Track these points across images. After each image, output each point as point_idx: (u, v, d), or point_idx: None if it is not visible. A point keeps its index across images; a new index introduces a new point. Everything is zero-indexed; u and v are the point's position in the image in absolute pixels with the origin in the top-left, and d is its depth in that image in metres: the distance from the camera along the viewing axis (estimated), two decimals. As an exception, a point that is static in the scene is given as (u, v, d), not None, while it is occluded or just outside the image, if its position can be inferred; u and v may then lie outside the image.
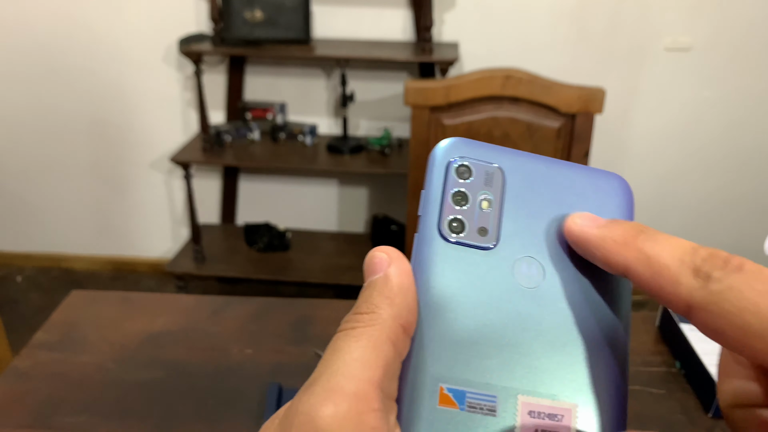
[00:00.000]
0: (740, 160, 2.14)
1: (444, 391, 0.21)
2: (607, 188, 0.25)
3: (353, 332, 0.21)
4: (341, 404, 0.19)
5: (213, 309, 0.85)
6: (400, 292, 0.22)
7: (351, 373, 0.19)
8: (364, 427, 0.19)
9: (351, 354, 0.20)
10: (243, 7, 1.92)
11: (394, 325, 0.21)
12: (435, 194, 0.24)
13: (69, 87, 2.19)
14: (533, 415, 0.22)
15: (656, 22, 1.97)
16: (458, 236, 0.23)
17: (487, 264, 0.23)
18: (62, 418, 0.68)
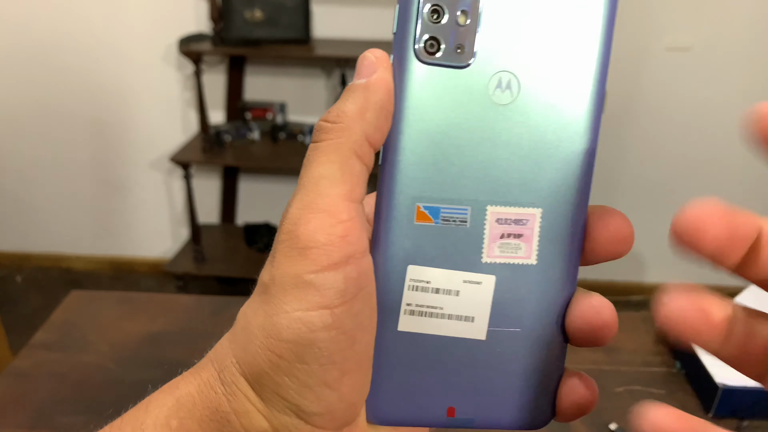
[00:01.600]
0: (740, 160, 2.14)
1: (420, 209, 0.23)
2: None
3: (321, 146, 0.22)
4: (313, 220, 0.22)
5: (213, 309, 0.85)
6: (374, 105, 0.22)
7: (320, 191, 0.22)
8: (333, 237, 0.21)
9: (319, 171, 0.22)
10: (243, 7, 1.92)
11: (360, 139, 0.22)
12: (409, 10, 0.23)
13: (69, 87, 2.18)
14: (501, 222, 0.24)
15: (656, 22, 1.97)
16: (433, 57, 0.23)
17: (462, 82, 0.23)
18: (62, 418, 0.68)
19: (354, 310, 0.22)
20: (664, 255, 2.30)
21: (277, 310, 0.22)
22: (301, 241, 0.22)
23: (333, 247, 0.21)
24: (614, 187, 2.20)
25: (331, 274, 0.21)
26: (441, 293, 0.24)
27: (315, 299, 0.21)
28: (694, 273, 2.30)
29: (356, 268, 0.22)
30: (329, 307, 0.21)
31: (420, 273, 0.24)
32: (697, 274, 2.36)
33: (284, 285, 0.22)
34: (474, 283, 0.24)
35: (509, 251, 0.24)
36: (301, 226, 0.22)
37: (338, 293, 0.21)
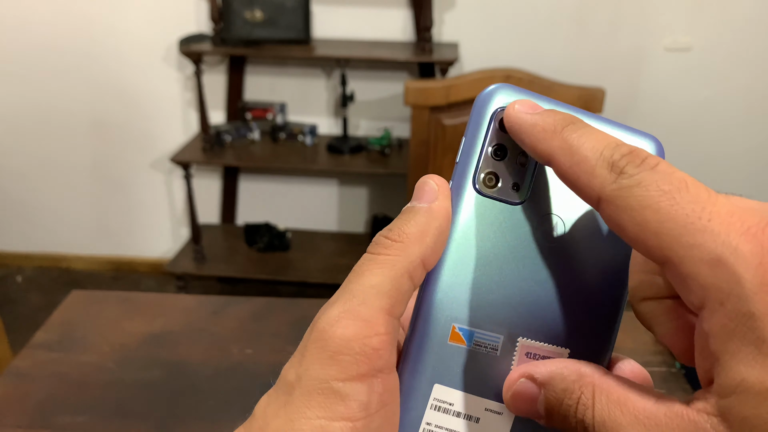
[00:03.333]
0: (740, 160, 2.14)
1: (455, 329, 0.24)
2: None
3: (378, 258, 0.23)
4: (351, 327, 0.22)
5: (213, 309, 0.85)
6: (434, 233, 0.23)
7: (366, 300, 0.22)
8: (367, 349, 0.21)
9: (370, 280, 0.22)
10: (243, 7, 1.92)
11: (416, 261, 0.23)
12: (475, 144, 0.25)
13: (69, 87, 2.19)
14: (530, 356, 0.24)
15: (656, 22, 1.98)
16: (491, 190, 0.25)
17: (513, 218, 0.25)
18: (62, 418, 0.68)
19: (374, 425, 0.22)
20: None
21: (300, 415, 0.21)
22: (335, 345, 0.22)
23: (365, 358, 0.21)
24: (614, 187, 2.20)
25: (358, 384, 0.21)
26: (462, 417, 0.24)
27: (339, 409, 0.21)
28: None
29: (382, 382, 0.22)
30: (351, 420, 0.21)
31: (445, 393, 0.24)
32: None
33: (310, 389, 0.22)
34: (495, 413, 0.24)
35: None
36: (338, 330, 0.22)
37: (362, 406, 0.21)
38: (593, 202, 0.21)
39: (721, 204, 0.19)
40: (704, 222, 0.18)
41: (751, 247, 0.17)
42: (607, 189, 0.20)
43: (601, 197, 0.20)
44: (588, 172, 0.20)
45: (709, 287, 0.18)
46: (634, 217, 0.19)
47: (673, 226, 0.18)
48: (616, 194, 0.20)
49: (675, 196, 0.19)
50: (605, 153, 0.20)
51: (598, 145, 0.21)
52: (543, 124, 0.22)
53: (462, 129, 1.34)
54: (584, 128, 0.22)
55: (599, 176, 0.20)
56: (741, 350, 0.17)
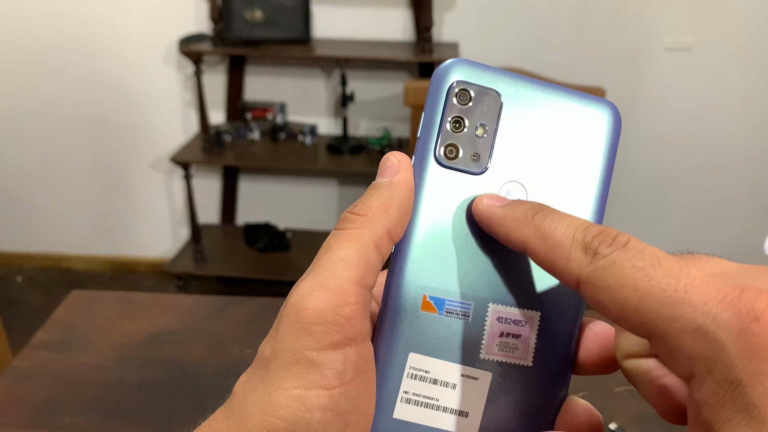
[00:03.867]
0: (740, 160, 2.14)
1: (426, 298, 0.25)
2: (597, 115, 0.26)
3: (344, 233, 0.24)
4: (322, 298, 0.22)
5: (213, 309, 0.85)
6: (397, 203, 0.24)
7: (335, 272, 0.23)
8: (339, 318, 0.22)
9: (338, 253, 0.23)
10: (243, 7, 1.92)
11: (381, 231, 0.24)
12: (434, 118, 0.25)
13: (69, 87, 2.19)
14: (501, 321, 0.25)
15: (656, 22, 1.98)
16: (452, 161, 0.25)
17: (476, 188, 0.25)
18: (62, 418, 0.68)
19: (350, 393, 0.22)
20: (664, 255, 2.30)
21: (276, 386, 0.22)
22: (307, 317, 0.22)
23: (337, 327, 0.22)
24: (614, 187, 2.20)
25: (332, 353, 0.22)
26: (439, 384, 0.25)
27: (314, 378, 0.22)
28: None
29: (356, 350, 0.23)
30: (327, 388, 0.22)
31: (420, 361, 0.25)
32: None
33: (285, 360, 0.22)
34: (471, 378, 0.25)
35: (507, 350, 0.25)
36: (309, 302, 0.22)
37: (337, 374, 0.22)
38: (572, 285, 0.21)
39: (694, 275, 0.19)
40: (681, 294, 0.19)
41: (730, 315, 0.18)
42: (584, 272, 0.20)
43: (580, 280, 0.21)
44: (563, 257, 0.21)
45: (695, 357, 0.18)
46: (614, 296, 0.20)
47: (652, 302, 0.19)
48: (593, 276, 0.20)
49: (650, 271, 0.19)
50: (577, 236, 0.21)
51: (569, 230, 0.21)
52: (513, 215, 0.23)
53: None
54: (553, 213, 0.22)
55: (575, 260, 0.21)
56: (733, 417, 0.17)
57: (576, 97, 0.26)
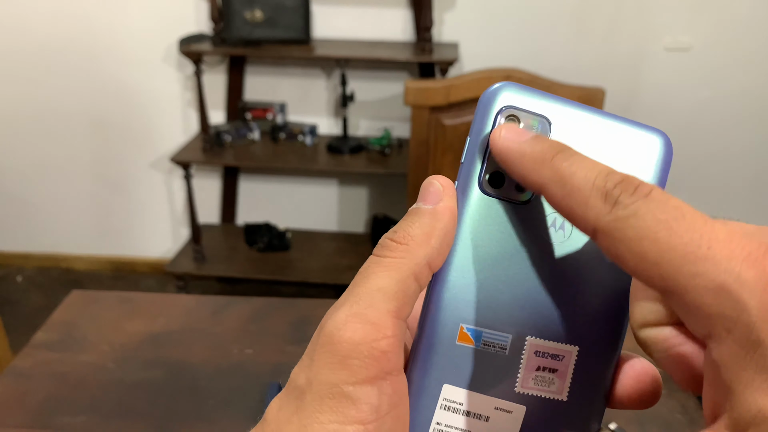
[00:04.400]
0: (740, 159, 2.14)
1: (464, 329, 0.24)
2: (648, 144, 0.26)
3: (383, 261, 0.23)
4: (359, 330, 0.22)
5: (213, 309, 0.85)
6: (439, 233, 0.23)
7: (373, 303, 0.22)
8: (375, 352, 0.22)
9: (376, 283, 0.22)
10: (243, 7, 1.92)
11: (422, 262, 0.23)
12: (480, 144, 0.25)
13: (69, 87, 2.19)
14: (538, 354, 0.24)
15: (656, 22, 1.98)
16: (496, 190, 0.24)
17: (518, 217, 0.25)
18: (62, 418, 0.68)
19: (385, 427, 0.22)
20: (664, 255, 2.30)
21: (312, 419, 0.22)
22: (344, 349, 0.22)
23: (373, 361, 0.22)
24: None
25: (368, 387, 0.22)
26: (471, 416, 0.25)
27: (350, 413, 0.21)
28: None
29: (391, 384, 0.22)
30: (363, 423, 0.21)
31: (454, 393, 0.24)
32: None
33: (321, 393, 0.22)
34: (505, 411, 0.25)
35: (543, 384, 0.25)
36: (346, 333, 0.22)
37: (372, 409, 0.22)
38: (589, 233, 0.21)
39: (718, 230, 0.18)
40: (704, 250, 0.18)
41: (755, 273, 0.17)
42: (602, 221, 0.20)
43: (597, 229, 0.20)
44: (582, 203, 0.20)
45: (714, 316, 0.18)
46: (632, 248, 0.19)
47: (673, 255, 0.18)
48: (612, 226, 0.19)
49: (672, 225, 0.19)
50: (597, 182, 0.20)
51: (589, 174, 0.20)
52: (531, 153, 0.22)
53: (462, 129, 1.34)
54: (574, 156, 0.21)
55: (593, 207, 0.20)
56: (755, 379, 0.17)
57: (628, 125, 0.25)
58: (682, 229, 0.18)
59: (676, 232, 0.18)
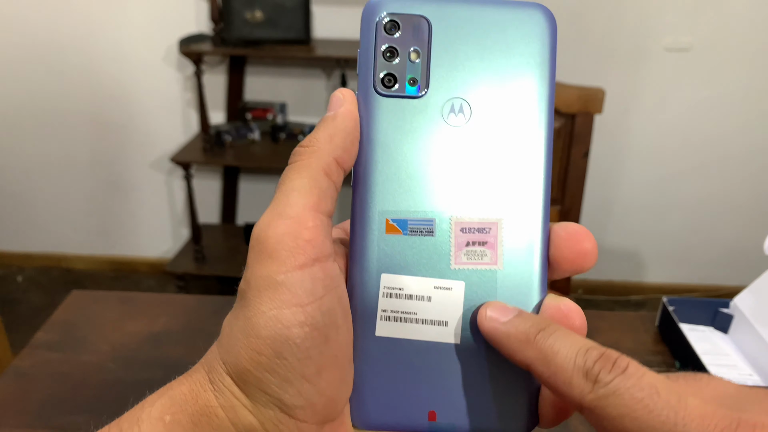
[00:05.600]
0: (740, 160, 2.14)
1: (389, 221, 0.26)
2: (530, 21, 0.26)
3: (295, 165, 0.26)
4: (281, 226, 0.24)
5: (213, 309, 0.86)
6: (341, 132, 0.26)
7: (290, 201, 0.24)
8: (300, 241, 0.24)
9: (291, 184, 0.25)
10: (243, 8, 1.92)
11: (329, 159, 0.26)
12: (367, 53, 0.26)
13: (69, 87, 2.19)
14: (465, 231, 0.26)
15: (656, 22, 1.98)
16: (391, 90, 0.26)
17: (419, 110, 0.26)
18: (62, 418, 0.68)
19: (324, 308, 0.24)
20: (664, 255, 2.30)
21: (255, 311, 0.24)
22: (270, 245, 0.24)
23: (300, 250, 0.24)
24: (614, 186, 2.20)
25: (299, 273, 0.24)
26: (414, 299, 0.26)
27: (286, 298, 0.23)
28: (692, 273, 2.30)
29: (322, 269, 0.24)
30: (300, 305, 0.23)
31: (393, 281, 0.26)
32: (696, 274, 2.37)
33: (258, 287, 0.24)
34: (445, 289, 0.26)
35: (475, 258, 0.26)
36: (270, 231, 0.24)
37: (307, 292, 0.23)
38: (576, 408, 0.22)
39: (692, 406, 0.20)
40: (680, 428, 0.20)
41: None
42: (586, 399, 0.21)
43: (583, 406, 0.22)
44: (566, 382, 0.22)
45: None
46: (615, 425, 0.21)
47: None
48: (595, 404, 0.21)
49: (648, 403, 0.20)
50: (578, 361, 0.22)
51: (570, 353, 0.22)
52: (516, 335, 0.24)
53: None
54: (556, 333, 0.23)
55: (577, 386, 0.22)
56: None
57: (505, 7, 0.26)
58: (658, 407, 0.20)
59: (652, 411, 0.20)
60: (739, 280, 1.39)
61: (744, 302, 0.74)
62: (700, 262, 2.28)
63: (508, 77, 0.26)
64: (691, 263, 2.29)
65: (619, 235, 2.27)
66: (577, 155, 1.35)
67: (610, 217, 2.25)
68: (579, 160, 1.36)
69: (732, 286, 2.19)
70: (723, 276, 2.27)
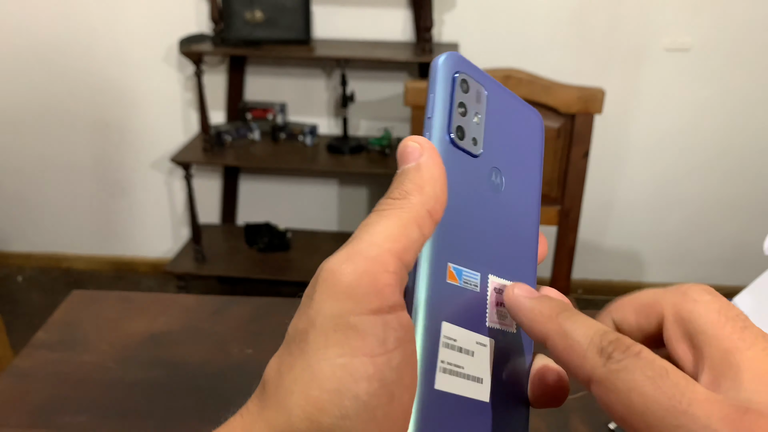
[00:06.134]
0: (740, 159, 2.14)
1: (450, 268, 0.26)
2: (534, 121, 0.31)
3: (383, 212, 0.24)
4: (360, 263, 0.22)
5: (213, 309, 0.86)
6: (430, 181, 0.24)
7: (374, 241, 0.22)
8: (378, 284, 0.21)
9: (377, 227, 0.23)
10: (243, 8, 1.92)
11: (421, 209, 0.24)
12: (444, 101, 0.27)
13: (70, 87, 2.19)
14: (496, 291, 0.28)
15: (656, 22, 1.98)
16: (461, 142, 0.27)
17: (475, 168, 0.28)
18: (62, 418, 0.68)
19: (394, 362, 0.21)
20: (664, 255, 2.30)
21: (318, 357, 0.21)
22: (346, 281, 0.21)
23: (377, 293, 0.21)
24: (614, 186, 2.20)
25: (373, 318, 0.21)
26: (463, 352, 0.26)
27: (357, 344, 0.20)
28: (692, 273, 2.30)
29: (397, 319, 0.22)
30: (371, 355, 0.21)
31: (450, 330, 0.26)
32: (696, 274, 2.36)
33: (325, 328, 0.21)
34: (482, 345, 0.27)
35: (501, 318, 0.28)
36: (347, 267, 0.21)
37: (379, 341, 0.21)
38: (584, 382, 0.23)
39: (699, 392, 0.21)
40: (684, 406, 0.20)
41: (732, 427, 0.19)
42: (597, 372, 0.22)
43: (592, 379, 0.22)
44: (580, 355, 0.23)
45: None
46: (621, 398, 0.21)
47: (657, 408, 0.20)
48: (605, 377, 0.22)
49: (657, 381, 0.21)
50: (595, 339, 0.23)
51: (588, 332, 0.23)
52: (540, 309, 0.25)
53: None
54: (575, 315, 0.24)
55: (590, 360, 0.22)
56: None
57: (522, 104, 0.31)
58: (666, 386, 0.21)
59: (660, 388, 0.21)
60: (739, 280, 1.39)
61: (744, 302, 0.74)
62: (700, 262, 2.28)
63: (524, 161, 0.30)
64: (691, 263, 2.29)
65: (619, 235, 2.27)
66: (577, 155, 1.35)
67: (610, 217, 2.25)
68: (579, 160, 1.36)
69: (732, 286, 2.19)
70: (723, 276, 2.27)
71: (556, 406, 0.27)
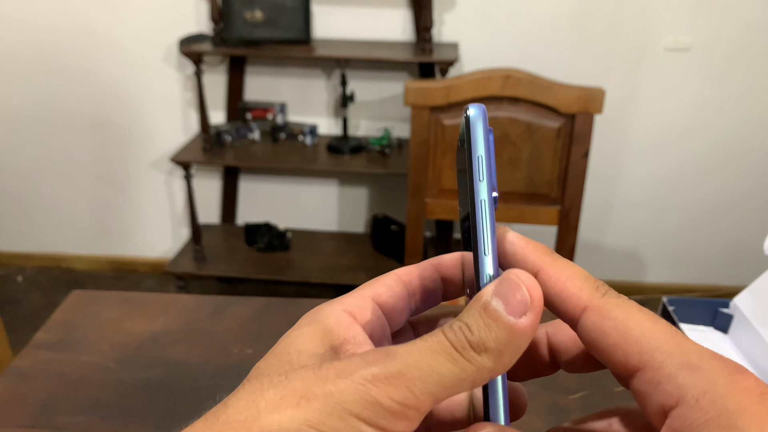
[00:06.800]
0: (740, 160, 2.14)
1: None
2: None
3: (453, 353, 0.22)
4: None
5: (213, 309, 0.85)
6: (515, 352, 0.22)
7: (427, 389, 0.22)
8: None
9: (438, 368, 0.22)
10: (243, 8, 1.92)
11: (486, 376, 0.22)
12: (489, 162, 0.25)
13: (69, 87, 2.19)
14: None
15: (656, 22, 1.98)
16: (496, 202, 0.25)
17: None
18: (62, 418, 0.68)
19: None
20: (664, 255, 2.30)
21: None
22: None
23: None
24: (614, 186, 2.20)
25: None
26: None
27: None
28: (692, 273, 2.30)
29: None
30: None
31: None
32: (695, 274, 2.37)
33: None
34: None
35: None
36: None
37: None
38: (577, 310, 0.23)
39: (689, 338, 0.22)
40: (679, 339, 0.21)
41: (722, 362, 0.21)
42: (594, 300, 0.23)
43: (588, 306, 0.23)
44: (576, 285, 0.23)
45: (686, 386, 0.20)
46: (617, 325, 0.22)
47: (654, 337, 0.21)
48: (603, 304, 0.22)
49: (653, 317, 0.22)
50: (589, 279, 0.24)
51: (582, 271, 0.24)
52: (536, 246, 0.25)
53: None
54: (567, 261, 0.25)
55: (586, 290, 0.23)
56: None
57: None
58: (660, 322, 0.22)
59: (656, 323, 0.22)
60: (739, 280, 1.39)
61: (744, 302, 0.74)
62: (699, 262, 2.28)
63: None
64: (690, 263, 2.29)
65: (619, 235, 2.27)
66: (577, 155, 1.35)
67: (610, 217, 2.25)
68: (579, 160, 1.36)
69: (732, 286, 2.19)
70: (723, 276, 2.27)
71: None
